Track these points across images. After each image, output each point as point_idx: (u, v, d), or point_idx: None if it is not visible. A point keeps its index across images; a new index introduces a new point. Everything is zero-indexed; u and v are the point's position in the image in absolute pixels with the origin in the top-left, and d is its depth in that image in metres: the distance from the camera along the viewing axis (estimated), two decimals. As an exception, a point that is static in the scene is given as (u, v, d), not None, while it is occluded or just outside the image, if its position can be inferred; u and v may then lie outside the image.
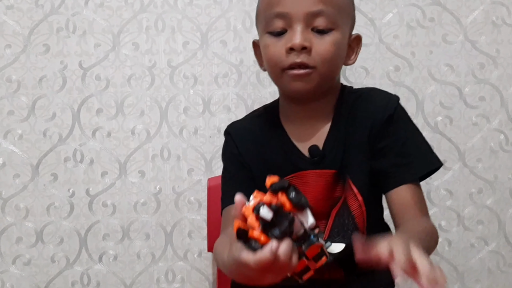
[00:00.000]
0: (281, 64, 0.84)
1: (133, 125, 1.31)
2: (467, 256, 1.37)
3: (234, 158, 0.94)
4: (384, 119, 0.87)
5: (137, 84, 1.30)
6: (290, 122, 0.92)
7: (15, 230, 1.32)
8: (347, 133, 0.89)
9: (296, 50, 0.82)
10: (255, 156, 0.92)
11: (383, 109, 0.87)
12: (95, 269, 1.33)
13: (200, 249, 1.34)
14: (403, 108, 0.90)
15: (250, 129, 0.95)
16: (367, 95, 0.91)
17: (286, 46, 0.83)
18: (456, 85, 1.33)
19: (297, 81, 0.84)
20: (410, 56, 1.32)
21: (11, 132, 1.30)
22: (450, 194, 1.35)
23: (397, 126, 0.87)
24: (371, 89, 0.93)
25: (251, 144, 0.93)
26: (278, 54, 0.84)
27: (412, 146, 0.87)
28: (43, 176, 1.31)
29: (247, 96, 1.31)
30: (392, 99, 0.89)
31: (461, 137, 1.34)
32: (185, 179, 1.32)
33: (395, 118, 0.87)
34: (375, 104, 0.89)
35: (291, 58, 0.83)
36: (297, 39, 0.82)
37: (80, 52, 1.29)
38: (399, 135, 0.87)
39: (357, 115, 0.89)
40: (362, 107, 0.89)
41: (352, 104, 0.90)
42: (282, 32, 0.85)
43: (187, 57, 1.30)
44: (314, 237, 0.64)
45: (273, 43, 0.85)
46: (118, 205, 1.32)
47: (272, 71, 0.88)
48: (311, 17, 0.83)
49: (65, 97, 1.30)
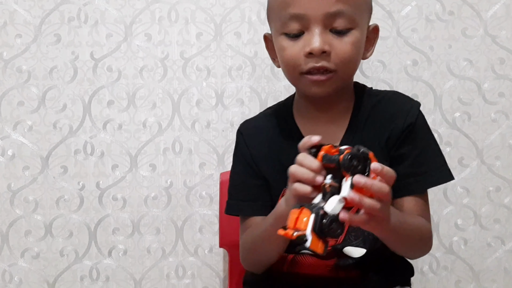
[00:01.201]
0: (299, 68, 0.82)
1: (144, 118, 1.29)
2: (483, 256, 1.34)
3: (245, 161, 0.92)
4: (405, 127, 0.85)
5: (149, 76, 1.28)
6: (305, 120, 0.90)
7: (24, 223, 1.31)
8: (365, 136, 0.87)
9: (316, 55, 0.80)
10: (267, 157, 0.90)
11: (404, 116, 0.86)
12: (104, 263, 1.32)
13: (211, 244, 1.32)
14: (423, 116, 0.89)
15: (263, 128, 0.93)
16: (389, 100, 0.89)
17: (304, 50, 0.80)
18: (475, 81, 1.31)
19: (318, 86, 0.82)
20: (428, 50, 1.29)
21: (21, 123, 1.28)
22: (467, 192, 1.33)
23: (416, 136, 0.86)
24: (393, 93, 0.92)
25: (263, 145, 0.91)
26: (296, 58, 0.81)
27: (427, 158, 0.86)
28: (52, 168, 1.30)
29: (261, 89, 1.29)
30: (415, 106, 0.88)
31: (479, 133, 1.32)
32: (196, 173, 1.31)
33: (416, 127, 0.86)
34: (396, 110, 0.87)
35: (310, 63, 0.80)
36: (316, 43, 0.79)
37: (91, 43, 1.27)
38: (416, 144, 0.85)
39: (376, 119, 0.87)
40: (383, 111, 0.88)
41: (372, 106, 0.88)
42: (299, 34, 0.81)
43: (200, 48, 1.28)
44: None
45: (290, 46, 0.82)
46: (129, 199, 1.31)
47: (290, 74, 0.86)
48: (329, 18, 0.80)
49: (76, 88, 1.28)
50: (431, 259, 1.34)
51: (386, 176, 0.67)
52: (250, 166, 0.92)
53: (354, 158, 0.66)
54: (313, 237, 0.63)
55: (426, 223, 0.86)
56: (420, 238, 0.85)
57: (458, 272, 1.34)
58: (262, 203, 0.90)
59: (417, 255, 0.91)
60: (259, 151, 0.91)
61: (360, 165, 0.66)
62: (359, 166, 0.66)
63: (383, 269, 0.88)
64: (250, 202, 0.91)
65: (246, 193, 0.91)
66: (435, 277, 1.34)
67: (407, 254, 0.89)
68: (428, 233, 0.86)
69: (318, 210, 0.64)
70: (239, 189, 0.93)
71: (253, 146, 0.92)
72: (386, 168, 0.67)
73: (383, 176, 0.67)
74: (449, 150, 1.31)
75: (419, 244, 0.86)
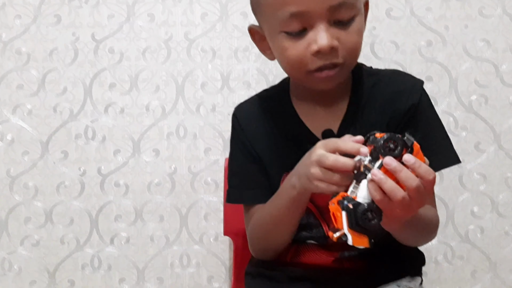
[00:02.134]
0: (306, 68, 0.77)
1: (147, 101, 1.27)
2: (501, 245, 1.31)
3: (242, 145, 0.90)
4: (407, 108, 0.82)
5: (152, 57, 1.26)
6: (302, 103, 0.87)
7: (24, 210, 1.29)
8: (365, 117, 0.84)
9: (324, 53, 0.75)
10: (264, 141, 0.88)
11: (406, 97, 0.83)
12: (107, 251, 1.30)
13: (217, 232, 1.29)
14: (427, 95, 0.85)
15: (259, 111, 0.90)
16: (389, 79, 0.86)
17: (311, 49, 0.75)
18: (492, 62, 1.27)
19: (327, 81, 0.78)
20: (443, 31, 1.26)
21: (20, 107, 1.27)
22: (484, 178, 1.30)
23: (420, 117, 0.83)
24: (394, 72, 0.88)
25: (259, 128, 0.89)
26: (301, 57, 0.76)
27: (433, 141, 0.83)
28: (53, 153, 1.28)
29: (268, 71, 1.26)
30: (417, 86, 0.84)
31: (497, 117, 1.28)
32: (201, 159, 1.28)
33: (420, 108, 0.83)
34: (398, 90, 0.84)
35: (318, 61, 0.76)
36: (324, 41, 0.74)
37: (92, 24, 1.26)
38: (421, 126, 0.82)
39: (377, 100, 0.84)
40: (383, 91, 0.84)
41: (371, 87, 0.85)
42: (301, 31, 0.76)
43: (205, 29, 1.26)
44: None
45: (293, 45, 0.77)
46: (131, 185, 1.29)
47: (295, 74, 0.82)
48: (333, 11, 0.75)
49: (77, 70, 1.26)
50: (446, 248, 1.30)
51: (418, 171, 0.64)
52: (248, 150, 0.89)
53: (391, 141, 0.63)
54: (353, 234, 0.63)
55: (435, 212, 0.84)
56: (430, 229, 0.83)
57: (474, 262, 1.31)
58: (264, 190, 0.87)
59: (421, 244, 0.89)
60: (256, 135, 0.88)
61: (397, 151, 0.63)
62: (395, 151, 0.63)
63: (390, 259, 0.85)
64: (252, 190, 0.88)
65: (247, 180, 0.89)
66: (450, 267, 1.31)
67: (412, 244, 0.87)
68: (436, 222, 0.83)
69: (349, 203, 0.63)
70: (239, 177, 0.90)
71: (249, 129, 0.89)
72: (424, 165, 0.64)
73: (414, 171, 0.64)
74: (465, 134, 1.28)
75: (427, 235, 0.83)
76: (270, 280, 0.87)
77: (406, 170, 0.63)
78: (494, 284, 1.31)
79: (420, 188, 0.63)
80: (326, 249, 0.84)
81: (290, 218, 0.81)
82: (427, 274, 1.30)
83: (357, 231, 0.63)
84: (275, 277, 0.86)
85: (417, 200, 0.64)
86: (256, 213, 0.87)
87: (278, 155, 0.86)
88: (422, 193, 0.64)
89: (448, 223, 1.29)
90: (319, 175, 0.69)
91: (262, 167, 0.88)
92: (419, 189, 0.63)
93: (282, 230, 0.83)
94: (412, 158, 0.63)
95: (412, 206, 0.65)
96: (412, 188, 0.63)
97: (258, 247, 0.90)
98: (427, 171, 0.64)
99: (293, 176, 0.77)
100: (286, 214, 0.80)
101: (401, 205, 0.63)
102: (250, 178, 0.88)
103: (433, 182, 0.65)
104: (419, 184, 0.63)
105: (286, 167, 0.83)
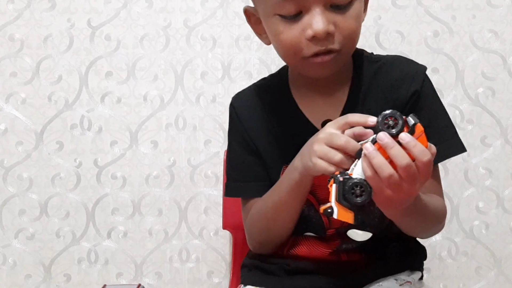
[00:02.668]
0: (301, 53, 0.75)
1: (145, 91, 1.25)
2: (506, 241, 1.30)
3: (240, 137, 0.88)
4: (410, 94, 0.80)
5: (150, 45, 1.24)
6: (301, 93, 0.85)
7: (18, 202, 1.27)
8: (366, 106, 0.82)
9: (320, 38, 0.73)
10: (262, 131, 0.86)
11: (408, 83, 0.81)
12: (103, 245, 1.28)
13: (217, 226, 1.28)
14: (430, 81, 0.83)
15: (257, 101, 0.88)
16: (391, 65, 0.83)
17: (306, 34, 0.73)
18: (500, 54, 1.26)
19: (323, 68, 0.76)
20: (450, 21, 1.25)
21: (14, 95, 1.25)
22: (490, 173, 1.28)
23: (423, 105, 0.81)
24: (395, 58, 0.85)
25: (257, 119, 0.87)
26: (296, 42, 0.74)
27: (437, 129, 0.81)
28: (47, 144, 1.26)
29: (270, 61, 1.24)
30: (419, 71, 0.82)
31: (504, 111, 1.27)
32: (201, 151, 1.26)
33: (422, 94, 0.81)
34: (400, 76, 0.81)
35: (313, 47, 0.73)
36: (320, 25, 0.71)
37: (88, 9, 1.23)
38: (424, 115, 0.79)
39: (378, 87, 0.82)
40: (385, 78, 0.82)
41: (373, 74, 0.83)
42: (296, 14, 0.74)
43: (205, 16, 1.23)
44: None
45: (287, 29, 0.74)
46: (129, 177, 1.27)
47: (289, 59, 0.79)
48: None
49: (72, 58, 1.24)
50: (450, 244, 1.29)
51: (412, 150, 0.62)
52: (246, 142, 0.87)
53: (391, 118, 0.62)
54: (339, 207, 0.63)
55: (442, 201, 0.82)
56: (437, 218, 0.81)
57: (479, 258, 1.30)
58: (263, 183, 0.86)
59: (429, 236, 0.87)
60: (253, 125, 0.87)
61: (396, 128, 0.62)
62: (394, 129, 0.62)
63: (389, 253, 0.84)
64: (250, 183, 0.87)
65: (246, 173, 0.87)
66: (454, 263, 1.30)
67: (420, 235, 0.86)
68: (443, 212, 0.82)
69: (340, 177, 0.63)
70: (237, 170, 0.89)
71: (246, 120, 0.87)
72: (419, 145, 0.62)
73: (408, 151, 0.62)
74: (471, 128, 1.27)
75: (433, 225, 0.82)
76: (266, 273, 0.86)
77: (398, 147, 0.62)
78: (498, 281, 1.30)
79: (410, 168, 0.61)
80: (324, 241, 0.83)
81: (292, 205, 0.80)
82: (431, 270, 1.29)
83: (344, 205, 0.63)
84: (271, 270, 0.85)
85: (408, 181, 0.62)
86: (256, 204, 0.86)
87: (277, 147, 0.84)
88: (413, 174, 0.62)
89: (452, 219, 1.27)
90: (322, 152, 0.68)
91: (261, 159, 0.86)
92: (409, 168, 0.61)
93: (284, 218, 0.82)
94: (408, 137, 0.62)
95: (402, 186, 0.63)
96: (402, 166, 0.61)
97: (258, 239, 0.88)
98: (422, 152, 0.62)
99: (296, 158, 0.76)
100: (287, 200, 0.79)
101: (389, 183, 0.62)
102: (248, 171, 0.87)
103: (428, 164, 0.62)
104: (409, 163, 0.61)
105: (285, 159, 0.82)
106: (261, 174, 0.86)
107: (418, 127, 0.62)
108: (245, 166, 0.87)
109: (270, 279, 0.85)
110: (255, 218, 0.86)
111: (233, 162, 0.90)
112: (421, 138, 0.62)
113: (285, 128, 0.84)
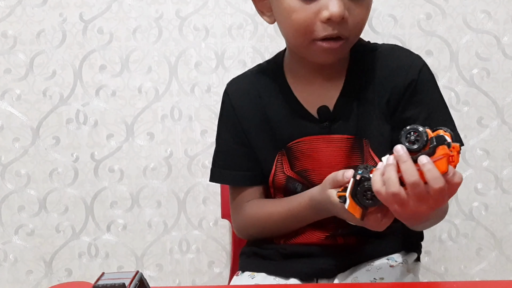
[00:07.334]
0: (312, 34, 0.74)
1: (140, 83, 1.24)
2: (506, 221, 1.30)
3: (231, 125, 0.87)
4: (407, 84, 0.80)
5: (143, 37, 1.23)
6: (297, 79, 0.84)
7: (17, 198, 1.27)
8: (362, 94, 0.81)
9: (335, 22, 0.72)
10: (256, 119, 0.85)
11: (405, 72, 0.80)
12: (103, 239, 1.28)
13: (216, 216, 1.28)
14: (428, 70, 0.82)
15: (252, 88, 0.87)
16: (388, 54, 0.83)
17: (322, 15, 0.72)
18: (493, 34, 1.25)
19: (329, 53, 0.76)
20: (443, 3, 1.23)
21: (9, 92, 1.24)
22: (487, 154, 1.28)
23: (421, 96, 0.81)
24: (392, 47, 0.85)
25: (251, 104, 0.86)
26: (309, 22, 0.74)
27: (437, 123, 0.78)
28: (44, 139, 1.25)
29: (264, 49, 1.23)
30: (416, 61, 0.82)
31: (499, 91, 1.26)
32: (198, 141, 1.26)
33: (420, 84, 0.80)
34: (397, 65, 0.81)
35: (326, 29, 0.73)
36: (337, 8, 0.71)
37: (80, 3, 1.23)
38: (422, 107, 0.80)
39: (375, 76, 0.82)
40: (382, 66, 0.82)
41: (370, 62, 0.82)
42: None
43: (197, 6, 1.22)
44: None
45: (302, 8, 0.73)
46: (126, 170, 1.26)
47: (298, 40, 0.78)
48: None
49: (66, 53, 1.23)
50: (450, 226, 1.29)
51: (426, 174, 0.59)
52: (237, 131, 0.87)
53: (413, 134, 0.60)
54: (351, 201, 0.65)
55: None
56: (443, 214, 0.81)
57: (479, 239, 1.30)
58: (250, 173, 0.86)
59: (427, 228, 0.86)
60: (247, 114, 0.86)
61: (416, 145, 0.60)
62: (415, 145, 0.60)
63: (383, 235, 0.82)
64: (236, 172, 0.87)
65: (232, 161, 0.87)
66: (454, 245, 1.30)
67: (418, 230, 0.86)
68: (445, 209, 0.81)
69: (360, 175, 0.65)
70: (224, 156, 0.89)
71: (239, 108, 0.87)
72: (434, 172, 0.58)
73: (422, 174, 0.59)
74: (467, 109, 1.26)
75: (435, 222, 0.81)
76: (263, 258, 0.86)
77: (410, 162, 0.59)
78: (500, 262, 1.30)
79: (418, 187, 0.59)
80: (320, 226, 0.83)
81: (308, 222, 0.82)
82: (431, 253, 1.28)
83: (355, 201, 0.65)
84: (268, 254, 0.86)
85: (415, 199, 0.60)
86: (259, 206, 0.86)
87: (271, 134, 0.84)
88: (420, 193, 0.59)
89: (451, 201, 1.25)
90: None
91: (250, 150, 0.86)
92: (416, 186, 0.59)
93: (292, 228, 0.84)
94: (425, 159, 0.59)
95: (409, 203, 0.60)
96: (409, 183, 0.59)
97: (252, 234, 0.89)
98: (434, 178, 0.58)
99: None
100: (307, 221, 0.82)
101: (395, 200, 0.60)
102: (235, 159, 0.87)
103: (440, 191, 0.59)
104: (416, 181, 0.59)
105: (279, 146, 0.82)
106: (247, 164, 0.86)
107: (441, 148, 0.59)
108: (231, 154, 0.87)
109: (266, 264, 0.85)
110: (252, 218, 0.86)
111: (221, 148, 0.89)
112: (440, 161, 0.59)
113: (280, 115, 0.84)
